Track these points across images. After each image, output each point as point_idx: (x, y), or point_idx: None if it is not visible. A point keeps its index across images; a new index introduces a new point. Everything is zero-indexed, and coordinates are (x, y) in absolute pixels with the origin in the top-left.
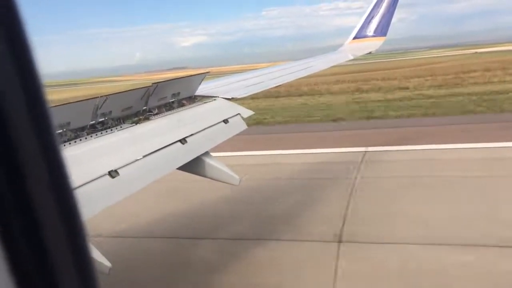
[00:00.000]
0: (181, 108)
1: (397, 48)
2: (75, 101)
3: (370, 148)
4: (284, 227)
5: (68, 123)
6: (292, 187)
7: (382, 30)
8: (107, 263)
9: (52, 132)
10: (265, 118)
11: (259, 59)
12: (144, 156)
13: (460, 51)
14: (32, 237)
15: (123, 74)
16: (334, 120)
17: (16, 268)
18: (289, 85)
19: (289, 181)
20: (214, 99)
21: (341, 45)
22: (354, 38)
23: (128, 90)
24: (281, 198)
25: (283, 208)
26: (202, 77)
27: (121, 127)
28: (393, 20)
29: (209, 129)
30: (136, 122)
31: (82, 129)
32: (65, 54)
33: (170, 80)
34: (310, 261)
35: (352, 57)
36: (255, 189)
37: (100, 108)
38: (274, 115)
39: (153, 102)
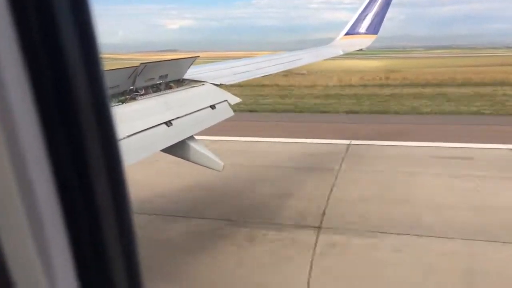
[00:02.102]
0: (168, 91)
1: (389, 46)
2: None
3: None
4: None
5: None
6: None
7: (374, 28)
8: None
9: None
10: None
11: (247, 47)
12: (128, 136)
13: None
14: (89, 211)
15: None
16: None
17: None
18: None
19: None
20: (202, 84)
21: (330, 39)
22: (346, 34)
23: (116, 69)
24: None
25: None
26: (191, 61)
27: None
28: None
29: (195, 113)
30: (122, 102)
31: None
32: None
33: (158, 61)
34: None
35: (342, 53)
36: None
37: None
38: None
39: (140, 83)
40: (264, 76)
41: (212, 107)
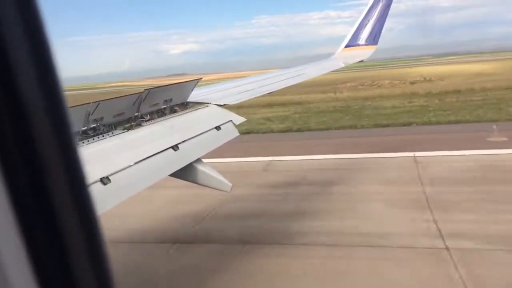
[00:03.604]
0: (173, 115)
1: (393, 57)
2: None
3: None
4: None
5: None
6: None
7: (374, 38)
8: None
9: (70, 132)
10: None
11: (249, 67)
12: (136, 163)
13: None
14: (52, 235)
15: (116, 81)
16: None
17: (35, 262)
18: None
19: None
20: (207, 106)
21: (331, 53)
22: (346, 46)
23: (120, 96)
24: None
25: None
26: (194, 83)
27: (112, 133)
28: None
29: (201, 135)
30: (128, 128)
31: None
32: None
33: (162, 86)
34: None
35: (343, 65)
36: None
37: (91, 114)
38: None
39: (145, 109)
40: (268, 93)
41: (217, 128)
